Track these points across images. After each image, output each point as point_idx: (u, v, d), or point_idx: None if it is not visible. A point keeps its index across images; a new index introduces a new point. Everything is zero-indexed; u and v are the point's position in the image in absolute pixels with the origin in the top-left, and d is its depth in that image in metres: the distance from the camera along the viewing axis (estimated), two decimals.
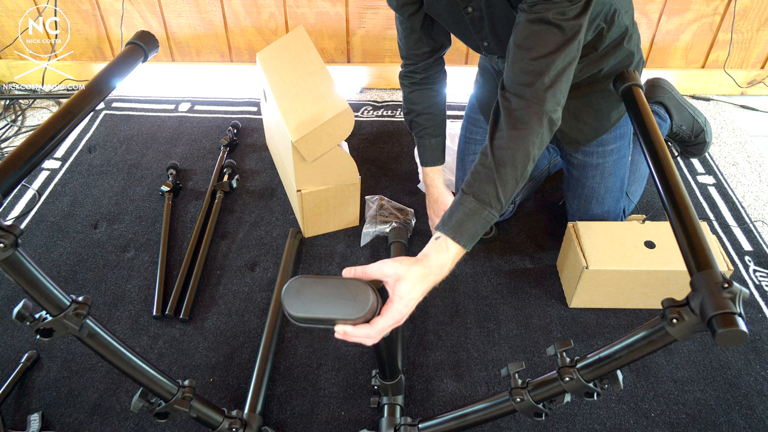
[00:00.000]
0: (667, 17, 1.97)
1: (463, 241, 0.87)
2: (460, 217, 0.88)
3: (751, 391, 1.22)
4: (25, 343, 1.31)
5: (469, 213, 0.88)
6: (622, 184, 1.43)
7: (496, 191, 0.89)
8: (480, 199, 0.88)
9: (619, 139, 1.35)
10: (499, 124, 0.93)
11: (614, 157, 1.37)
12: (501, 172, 0.89)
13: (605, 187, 1.41)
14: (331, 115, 1.33)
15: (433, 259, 0.87)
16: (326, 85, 1.42)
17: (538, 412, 0.89)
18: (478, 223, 0.88)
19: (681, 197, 0.82)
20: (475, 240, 0.89)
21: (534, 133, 0.91)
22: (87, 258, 1.52)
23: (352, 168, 1.47)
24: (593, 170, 1.39)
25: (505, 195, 0.90)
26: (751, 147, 1.91)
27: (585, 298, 1.36)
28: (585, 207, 1.45)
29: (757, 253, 1.52)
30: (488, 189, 0.89)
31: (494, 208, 0.89)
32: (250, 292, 1.43)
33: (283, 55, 1.54)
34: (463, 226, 0.88)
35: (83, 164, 1.83)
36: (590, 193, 1.42)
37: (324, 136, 1.35)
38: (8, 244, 0.70)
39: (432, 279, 0.86)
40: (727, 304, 0.63)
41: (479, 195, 0.89)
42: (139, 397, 0.94)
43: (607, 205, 1.44)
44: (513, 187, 0.91)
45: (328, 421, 1.18)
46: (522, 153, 0.90)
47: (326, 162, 1.42)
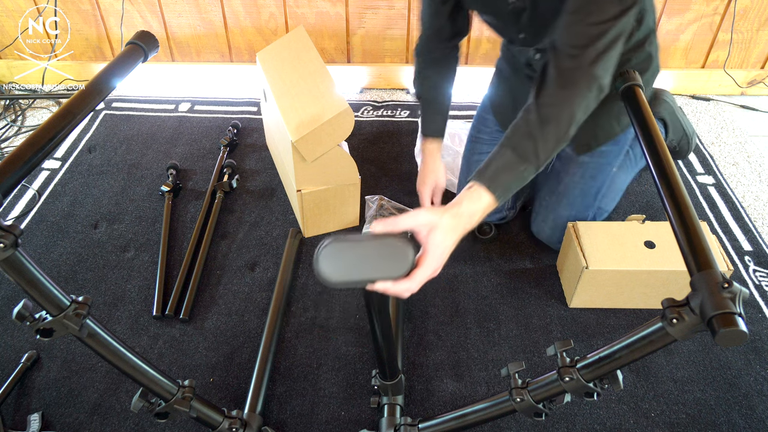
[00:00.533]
0: (667, 17, 1.97)
1: (497, 192, 0.87)
2: (496, 168, 0.88)
3: (751, 391, 1.22)
4: (25, 343, 1.31)
5: (506, 165, 0.88)
6: (597, 192, 1.40)
7: (535, 147, 0.89)
8: (518, 152, 0.89)
9: (612, 144, 1.35)
10: (547, 81, 0.93)
11: (600, 160, 1.36)
12: (544, 129, 0.89)
13: (580, 188, 1.39)
14: (331, 115, 1.33)
15: (465, 207, 0.87)
16: (326, 85, 1.42)
17: (538, 412, 0.89)
18: (514, 177, 0.89)
19: (681, 197, 0.82)
20: (508, 193, 0.90)
21: (582, 95, 0.91)
22: (87, 258, 1.52)
23: (352, 168, 1.47)
24: (576, 167, 1.38)
25: (545, 152, 0.90)
26: (751, 147, 1.91)
27: (585, 298, 1.36)
28: (554, 205, 1.43)
29: (757, 253, 1.52)
30: (528, 144, 0.89)
31: (532, 163, 0.89)
32: (250, 292, 1.43)
33: (283, 55, 1.54)
34: (499, 178, 0.88)
35: (83, 164, 1.83)
36: (563, 190, 1.40)
37: (324, 136, 1.35)
38: (8, 244, 0.70)
39: (462, 227, 0.86)
40: (727, 304, 0.63)
41: (518, 149, 0.89)
42: (139, 397, 0.94)
43: (576, 209, 1.41)
44: (553, 145, 0.91)
45: (328, 421, 1.18)
46: (567, 113, 0.91)
47: (326, 162, 1.42)
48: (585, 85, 0.92)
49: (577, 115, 0.92)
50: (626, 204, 1.66)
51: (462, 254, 1.51)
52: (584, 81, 0.92)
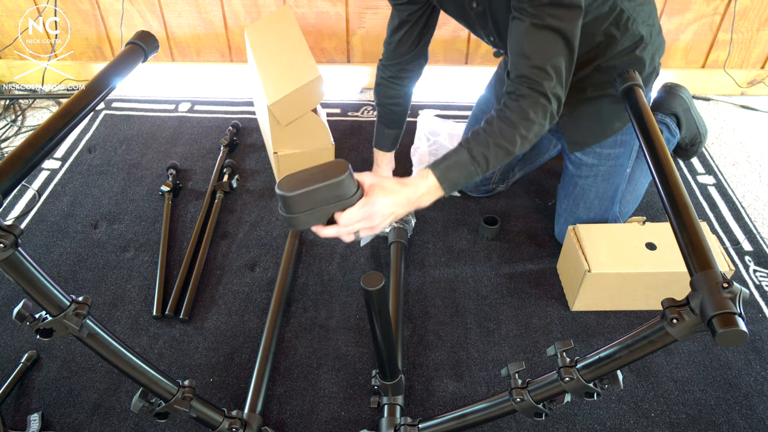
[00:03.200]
0: (667, 17, 1.97)
1: (444, 184, 1.01)
2: (450, 163, 1.01)
3: (751, 391, 1.22)
4: (25, 343, 1.31)
5: (459, 162, 1.01)
6: (614, 194, 1.42)
7: (486, 155, 1.01)
8: (472, 155, 1.01)
9: (618, 146, 1.35)
10: (507, 104, 1.03)
11: (610, 163, 1.37)
12: (498, 143, 1.01)
13: (596, 191, 1.41)
14: (304, 82, 1.47)
15: (412, 179, 1.01)
16: (303, 57, 1.56)
17: (538, 412, 0.89)
18: (462, 174, 1.02)
19: (681, 197, 0.82)
20: (454, 188, 1.03)
21: (533, 122, 1.01)
22: (87, 258, 1.52)
23: (325, 133, 1.63)
24: (587, 170, 1.39)
25: (494, 161, 1.02)
26: (751, 147, 1.91)
27: (587, 301, 1.35)
28: (573, 208, 1.46)
29: (757, 253, 1.52)
30: (482, 150, 1.01)
31: (480, 167, 1.01)
32: (250, 292, 1.43)
33: (268, 30, 1.71)
34: (450, 172, 1.01)
35: (83, 164, 1.83)
36: (580, 194, 1.43)
37: (297, 102, 1.50)
38: (8, 244, 0.70)
39: (405, 196, 0.99)
40: (727, 304, 0.63)
41: (472, 152, 1.01)
42: (139, 397, 0.94)
43: (594, 212, 1.43)
44: (502, 158, 1.03)
45: (328, 421, 1.18)
46: (519, 135, 1.01)
47: (301, 126, 1.56)
48: (539, 113, 1.01)
49: (528, 137, 1.02)
50: None
51: (462, 254, 1.52)
52: (539, 110, 1.01)
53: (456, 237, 1.56)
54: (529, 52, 1.00)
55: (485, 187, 1.63)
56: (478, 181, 1.60)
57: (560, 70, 1.01)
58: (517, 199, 1.68)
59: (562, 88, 1.03)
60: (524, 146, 1.03)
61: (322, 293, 1.43)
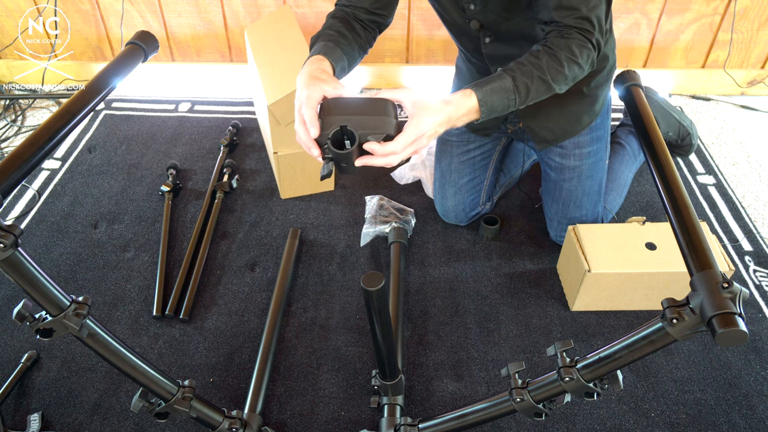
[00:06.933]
0: (667, 17, 1.97)
1: (483, 108, 0.98)
2: (494, 86, 0.98)
3: (751, 391, 1.22)
4: (25, 343, 1.31)
5: (502, 88, 0.98)
6: (599, 188, 1.43)
7: (528, 86, 0.99)
8: (516, 84, 0.99)
9: (596, 141, 1.37)
10: (555, 42, 1.02)
11: (591, 160, 1.38)
12: (543, 77, 1.00)
13: (582, 190, 1.42)
14: None
15: (454, 97, 0.97)
16: (303, 57, 1.52)
17: (538, 412, 0.89)
18: (502, 101, 0.99)
19: (681, 197, 0.82)
20: (490, 113, 1.00)
21: (578, 64, 1.02)
22: (87, 258, 1.52)
23: None
24: (570, 172, 1.40)
25: (534, 95, 1.01)
26: (751, 147, 1.91)
27: (587, 301, 1.36)
28: (563, 210, 1.46)
29: (757, 253, 1.52)
30: (525, 81, 0.99)
31: (520, 97, 1.00)
32: (250, 292, 1.43)
33: (268, 30, 1.71)
34: (492, 95, 0.98)
35: (83, 164, 1.83)
36: (568, 196, 1.44)
37: None
38: (8, 244, 0.70)
39: (447, 114, 0.95)
40: (727, 304, 0.63)
41: (516, 80, 0.99)
42: (139, 397, 0.94)
43: (585, 209, 1.45)
44: (542, 93, 1.02)
45: (328, 421, 1.18)
46: (563, 75, 1.01)
47: None
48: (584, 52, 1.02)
49: (569, 75, 1.02)
50: (626, 205, 1.65)
51: (462, 254, 1.52)
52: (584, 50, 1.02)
53: (456, 237, 1.56)
54: (575, 3, 1.01)
55: (474, 212, 1.57)
56: (467, 208, 1.54)
57: (601, 21, 1.03)
58: (516, 200, 1.68)
59: (602, 38, 1.05)
60: (562, 88, 1.03)
61: (322, 293, 1.43)
